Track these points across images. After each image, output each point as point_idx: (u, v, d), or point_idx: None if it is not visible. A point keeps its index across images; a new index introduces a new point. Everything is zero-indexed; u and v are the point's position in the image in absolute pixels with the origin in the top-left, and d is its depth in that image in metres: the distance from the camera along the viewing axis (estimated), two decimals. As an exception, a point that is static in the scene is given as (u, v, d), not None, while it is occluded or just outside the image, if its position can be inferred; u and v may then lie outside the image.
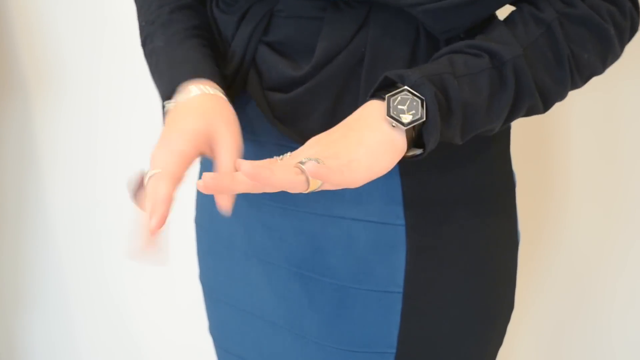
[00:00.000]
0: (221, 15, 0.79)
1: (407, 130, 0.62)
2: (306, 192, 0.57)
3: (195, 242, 0.95)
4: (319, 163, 0.57)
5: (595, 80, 1.33)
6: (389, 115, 0.61)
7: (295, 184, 0.56)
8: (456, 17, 0.68)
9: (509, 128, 0.83)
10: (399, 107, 0.61)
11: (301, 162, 0.57)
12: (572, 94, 1.35)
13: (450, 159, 0.75)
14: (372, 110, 0.63)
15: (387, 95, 0.62)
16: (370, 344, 0.77)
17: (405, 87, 0.62)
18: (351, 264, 0.76)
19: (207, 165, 0.87)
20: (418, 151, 0.64)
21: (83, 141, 1.51)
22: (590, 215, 1.38)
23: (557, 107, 1.34)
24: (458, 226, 0.76)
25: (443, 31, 0.70)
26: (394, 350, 0.77)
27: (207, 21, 0.81)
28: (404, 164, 0.74)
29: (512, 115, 0.68)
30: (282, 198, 0.79)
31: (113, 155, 1.50)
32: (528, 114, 0.70)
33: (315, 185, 0.57)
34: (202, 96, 0.70)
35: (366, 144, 0.61)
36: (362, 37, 0.72)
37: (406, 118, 0.61)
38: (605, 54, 0.71)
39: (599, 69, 0.72)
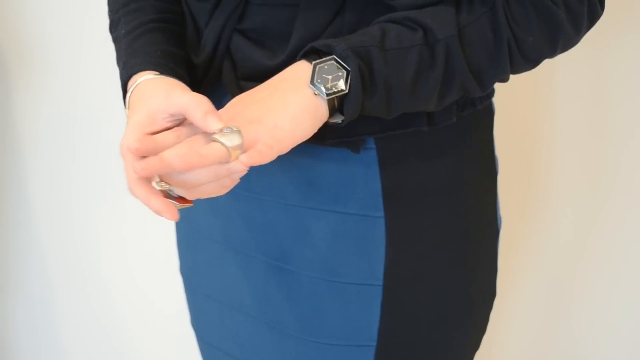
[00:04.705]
0: (195, 2, 0.77)
1: (329, 99, 0.64)
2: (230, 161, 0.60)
3: (175, 233, 0.94)
4: (242, 139, 0.59)
5: (583, 66, 1.32)
6: (312, 83, 0.63)
7: (219, 159, 0.59)
8: None
9: (491, 113, 0.82)
10: (324, 76, 0.63)
11: (224, 132, 0.59)
12: (560, 80, 1.34)
13: (430, 148, 0.74)
14: (299, 72, 0.65)
15: (313, 62, 0.63)
16: (350, 337, 0.77)
17: (333, 56, 0.63)
18: (330, 257, 0.75)
19: None
20: (340, 118, 0.66)
21: (65, 128, 1.49)
22: (574, 200, 1.38)
23: (544, 92, 1.33)
24: (438, 216, 0.76)
25: None
26: (375, 343, 0.76)
27: (173, 9, 0.80)
28: (383, 155, 0.73)
29: (444, 95, 0.68)
30: (259, 189, 0.78)
31: (95, 142, 1.48)
32: (465, 94, 0.70)
33: (235, 154, 0.60)
34: (157, 78, 0.70)
35: (290, 108, 0.63)
36: (338, 25, 0.70)
37: (329, 89, 0.63)
38: (554, 38, 0.70)
39: (547, 52, 0.71)
